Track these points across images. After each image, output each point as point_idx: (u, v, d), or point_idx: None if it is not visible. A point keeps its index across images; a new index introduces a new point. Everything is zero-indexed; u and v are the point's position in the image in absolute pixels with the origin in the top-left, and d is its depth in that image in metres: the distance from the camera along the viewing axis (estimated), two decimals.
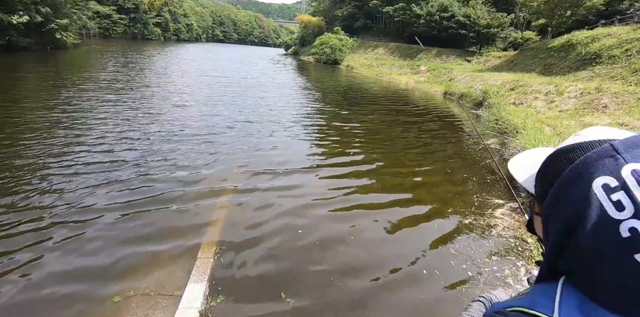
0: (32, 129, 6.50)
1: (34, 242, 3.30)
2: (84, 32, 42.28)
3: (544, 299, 0.50)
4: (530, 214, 0.71)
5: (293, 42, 62.83)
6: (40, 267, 3.00)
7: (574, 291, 0.49)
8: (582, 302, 0.47)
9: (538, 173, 0.60)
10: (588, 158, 0.48)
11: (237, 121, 8.68)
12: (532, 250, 3.69)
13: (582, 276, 0.48)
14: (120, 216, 3.88)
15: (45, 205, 3.95)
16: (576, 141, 0.54)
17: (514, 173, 0.69)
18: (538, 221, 0.65)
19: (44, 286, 2.79)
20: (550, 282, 0.53)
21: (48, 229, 3.52)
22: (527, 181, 0.66)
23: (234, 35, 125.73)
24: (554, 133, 7.04)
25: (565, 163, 0.52)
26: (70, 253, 3.21)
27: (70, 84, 11.75)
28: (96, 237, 3.48)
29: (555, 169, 0.54)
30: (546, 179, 0.57)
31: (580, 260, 0.47)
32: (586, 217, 0.45)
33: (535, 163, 0.66)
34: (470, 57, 30.14)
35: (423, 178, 5.88)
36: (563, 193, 0.50)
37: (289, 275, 3.16)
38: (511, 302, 0.55)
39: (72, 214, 3.82)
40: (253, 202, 4.51)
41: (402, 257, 3.58)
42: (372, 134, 8.62)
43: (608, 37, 13.73)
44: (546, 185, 0.56)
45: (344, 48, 40.04)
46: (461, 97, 16.04)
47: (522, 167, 0.69)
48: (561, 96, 10.59)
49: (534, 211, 0.67)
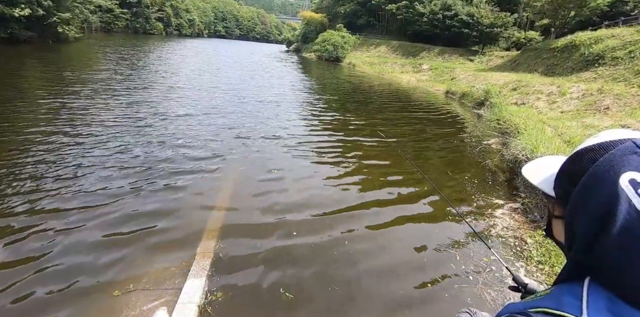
0: (35, 118, 6.50)
1: (34, 235, 3.31)
2: (86, 26, 42.14)
3: (570, 299, 0.49)
4: (549, 219, 0.71)
5: (295, 39, 62.56)
6: (39, 261, 3.01)
7: (601, 290, 0.48)
8: (610, 302, 0.46)
9: (558, 175, 0.61)
10: (612, 155, 0.49)
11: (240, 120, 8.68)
12: (531, 250, 3.70)
13: (612, 273, 0.48)
14: (120, 211, 3.88)
15: (41, 196, 3.96)
16: (596, 142, 0.55)
17: (529, 177, 0.69)
18: (558, 224, 0.65)
19: (43, 280, 2.80)
20: (574, 282, 0.52)
21: (46, 221, 3.53)
22: (543, 182, 0.66)
23: (236, 31, 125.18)
24: (555, 134, 7.04)
25: (588, 162, 0.53)
26: (70, 247, 3.21)
27: (69, 76, 11.73)
28: (96, 231, 3.48)
29: (578, 169, 0.54)
30: (568, 180, 0.57)
31: (609, 257, 0.47)
32: (616, 213, 0.46)
33: (550, 167, 0.67)
34: (472, 56, 30.05)
35: (421, 176, 5.87)
36: (590, 191, 0.50)
37: (289, 271, 3.17)
38: (531, 303, 0.55)
39: (70, 210, 3.82)
40: (254, 198, 4.51)
41: (399, 256, 3.59)
42: (372, 132, 8.61)
43: (612, 38, 13.66)
44: (568, 186, 0.56)
45: (346, 45, 39.93)
46: (463, 96, 16.01)
47: (536, 170, 0.69)
48: (563, 97, 10.57)
49: (554, 214, 0.67)
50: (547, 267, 3.38)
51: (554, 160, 0.69)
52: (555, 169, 0.64)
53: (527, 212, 4.59)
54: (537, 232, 4.03)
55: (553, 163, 0.68)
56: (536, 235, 3.97)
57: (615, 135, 0.55)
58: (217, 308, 2.64)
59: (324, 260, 3.38)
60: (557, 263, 3.41)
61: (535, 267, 3.43)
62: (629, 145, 0.49)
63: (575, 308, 0.47)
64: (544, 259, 3.50)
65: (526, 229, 4.20)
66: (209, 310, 2.60)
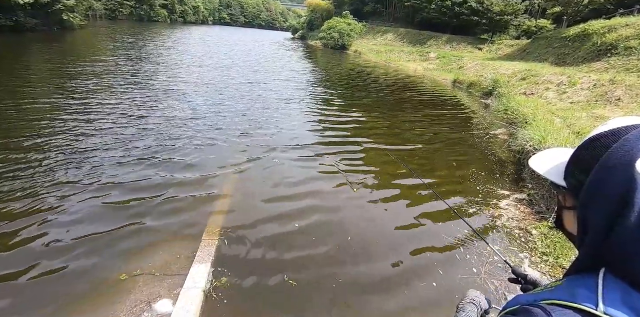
0: (38, 107, 6.53)
1: (44, 218, 3.36)
2: (91, 14, 41.82)
3: (584, 291, 0.48)
4: (559, 211, 0.69)
5: (301, 26, 61.68)
6: (47, 243, 3.06)
7: (617, 282, 0.47)
8: (626, 294, 0.45)
9: (569, 164, 0.59)
10: (627, 141, 0.48)
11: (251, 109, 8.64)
12: (536, 242, 3.68)
13: (628, 263, 0.46)
14: (126, 195, 3.92)
15: (50, 181, 4.00)
16: (608, 129, 0.54)
17: (536, 168, 0.68)
18: (570, 216, 0.63)
19: (52, 263, 2.85)
20: (588, 274, 0.51)
21: (54, 206, 3.57)
22: (552, 173, 0.64)
23: (241, 19, 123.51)
24: (565, 125, 6.93)
25: (601, 149, 0.52)
26: (78, 231, 3.26)
27: (72, 64, 11.72)
28: (104, 216, 3.53)
29: (591, 157, 0.53)
30: (580, 169, 0.56)
31: (627, 246, 0.46)
32: (633, 199, 0.44)
33: (559, 157, 0.66)
34: (481, 45, 29.49)
35: (428, 167, 5.84)
36: (605, 177, 0.48)
37: (293, 257, 3.20)
38: (541, 295, 0.53)
39: (81, 192, 3.87)
40: (259, 186, 4.53)
41: (403, 245, 3.60)
42: (379, 122, 8.54)
43: (626, 27, 13.29)
44: (581, 175, 0.55)
45: (352, 33, 39.30)
46: (471, 86, 15.78)
47: (544, 161, 0.68)
48: (573, 88, 10.36)
49: (564, 205, 0.65)
50: (551, 259, 3.37)
51: (562, 151, 0.67)
52: (564, 159, 0.62)
53: (533, 204, 4.56)
54: (543, 223, 4.01)
55: (561, 154, 0.67)
56: (541, 227, 3.95)
57: (626, 121, 0.53)
58: (222, 293, 2.68)
59: (328, 249, 3.40)
60: (562, 255, 3.40)
61: (540, 258, 3.42)
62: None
63: (590, 300, 0.46)
64: (548, 251, 3.49)
65: (532, 220, 4.18)
66: (214, 295, 2.64)
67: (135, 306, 2.49)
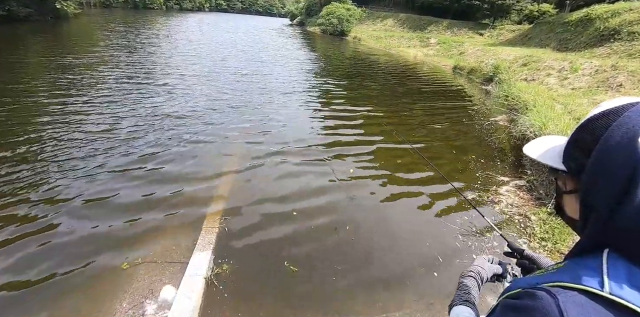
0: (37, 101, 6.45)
1: (48, 208, 3.37)
2: (84, 1, 40.96)
3: (589, 272, 0.47)
4: (558, 195, 0.68)
5: (299, 12, 60.57)
6: (51, 232, 3.08)
7: (621, 262, 0.46)
8: (631, 274, 0.45)
9: (569, 145, 0.58)
10: (626, 118, 0.47)
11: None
12: (535, 227, 3.71)
13: (633, 242, 0.46)
14: (127, 185, 3.92)
15: (56, 171, 4.00)
16: (604, 108, 0.53)
17: (531, 153, 0.67)
18: (571, 200, 0.62)
19: (54, 252, 2.87)
20: (591, 255, 0.50)
21: (57, 198, 3.58)
22: (548, 157, 0.64)
23: (237, 5, 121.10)
24: (565, 111, 6.88)
25: (600, 129, 0.51)
26: (80, 220, 3.27)
27: (65, 57, 11.52)
28: (105, 205, 3.54)
29: (590, 137, 0.52)
30: (580, 150, 0.55)
31: (632, 225, 0.45)
32: (638, 177, 0.44)
33: (554, 142, 0.65)
34: (482, 30, 29.06)
35: (428, 153, 5.83)
36: (608, 156, 0.47)
37: (293, 245, 3.22)
38: (543, 277, 0.53)
39: (81, 184, 3.86)
40: (258, 173, 4.52)
41: (403, 229, 3.62)
42: (379, 109, 8.48)
43: (629, 11, 13.08)
44: (581, 156, 0.54)
45: (351, 19, 38.60)
46: (471, 72, 15.62)
47: (539, 147, 0.67)
48: (575, 73, 10.26)
49: (565, 190, 0.64)
50: (549, 244, 3.40)
51: (556, 138, 0.67)
52: (559, 144, 0.62)
53: (532, 190, 4.57)
54: (541, 209, 4.03)
55: (555, 140, 0.66)
56: (540, 212, 3.97)
57: (621, 101, 0.52)
58: (223, 280, 2.71)
59: (327, 236, 3.42)
60: (559, 240, 3.43)
61: (539, 243, 3.45)
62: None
63: (595, 281, 0.45)
64: (547, 236, 3.52)
65: (531, 206, 4.19)
66: (216, 282, 2.67)
67: (137, 294, 2.52)
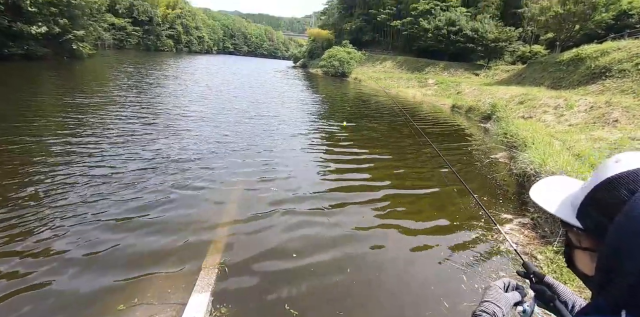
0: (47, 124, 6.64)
1: (44, 247, 3.34)
2: (99, 43, 43.49)
3: None
4: (569, 249, 0.66)
5: (302, 55, 63.89)
6: (45, 273, 3.03)
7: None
8: None
9: (586, 204, 0.56)
10: None
11: None
12: (542, 267, 3.61)
13: None
14: (126, 226, 3.91)
15: (46, 211, 4.01)
16: (624, 169, 0.51)
17: (539, 201, 0.65)
18: (585, 257, 0.60)
19: (50, 290, 2.81)
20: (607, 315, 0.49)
21: (49, 238, 3.56)
22: (561, 210, 0.61)
23: (244, 48, 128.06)
24: (564, 147, 6.97)
25: (621, 192, 0.49)
26: (76, 259, 3.23)
27: (75, 95, 12.02)
28: (104, 244, 3.50)
29: (613, 200, 0.50)
30: (601, 211, 0.53)
31: None
32: None
33: (563, 190, 0.62)
34: (478, 70, 30.24)
35: (430, 191, 5.83)
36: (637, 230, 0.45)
37: (294, 288, 3.13)
38: None
39: (80, 223, 3.86)
40: (258, 214, 4.50)
41: (407, 272, 3.53)
42: (379, 147, 8.61)
43: (618, 51, 13.69)
44: (600, 217, 0.53)
45: (352, 61, 40.53)
46: (469, 110, 16.03)
47: (548, 195, 0.64)
48: (571, 110, 10.52)
49: (577, 245, 0.62)
50: None
51: (563, 182, 0.64)
52: (571, 192, 0.59)
53: (537, 228, 4.51)
54: (547, 248, 3.94)
55: (564, 186, 0.63)
56: (546, 251, 3.88)
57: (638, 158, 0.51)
58: None
59: (331, 279, 3.34)
60: (569, 280, 3.32)
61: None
62: None
63: None
64: (555, 276, 3.41)
65: (536, 244, 4.11)
66: None
67: None
